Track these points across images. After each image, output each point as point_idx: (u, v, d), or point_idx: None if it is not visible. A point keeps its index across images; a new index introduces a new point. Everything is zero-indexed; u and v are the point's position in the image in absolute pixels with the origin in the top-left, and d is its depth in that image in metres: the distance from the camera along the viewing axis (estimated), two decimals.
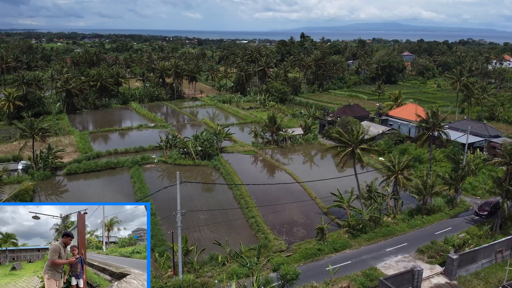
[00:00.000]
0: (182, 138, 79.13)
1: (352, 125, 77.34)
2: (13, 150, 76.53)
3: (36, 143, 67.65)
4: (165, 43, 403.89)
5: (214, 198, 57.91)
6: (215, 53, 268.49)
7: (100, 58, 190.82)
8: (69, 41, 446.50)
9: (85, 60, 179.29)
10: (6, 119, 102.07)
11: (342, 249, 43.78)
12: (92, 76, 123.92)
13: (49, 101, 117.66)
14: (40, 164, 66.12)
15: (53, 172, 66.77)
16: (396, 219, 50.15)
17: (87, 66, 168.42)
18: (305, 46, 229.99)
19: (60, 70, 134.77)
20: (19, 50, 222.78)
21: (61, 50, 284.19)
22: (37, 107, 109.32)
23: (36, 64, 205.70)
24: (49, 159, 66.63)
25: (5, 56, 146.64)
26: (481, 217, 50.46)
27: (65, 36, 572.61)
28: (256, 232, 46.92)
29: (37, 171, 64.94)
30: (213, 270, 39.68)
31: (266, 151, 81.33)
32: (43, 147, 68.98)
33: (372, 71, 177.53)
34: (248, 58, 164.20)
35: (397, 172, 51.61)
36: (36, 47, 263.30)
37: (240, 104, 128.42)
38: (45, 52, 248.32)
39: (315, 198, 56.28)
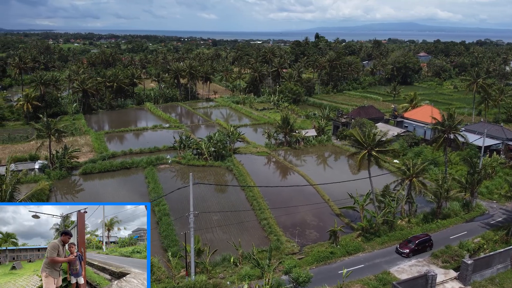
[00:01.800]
0: (196, 139, 79.62)
1: (367, 127, 76.76)
2: (30, 149, 77.92)
3: (52, 143, 68.80)
4: (180, 44, 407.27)
5: (227, 199, 58.10)
6: (229, 53, 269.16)
7: (116, 58, 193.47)
8: (85, 42, 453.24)
9: (101, 60, 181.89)
10: (23, 119, 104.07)
11: (355, 253, 43.50)
12: (108, 76, 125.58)
13: (66, 102, 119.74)
14: (57, 164, 67.23)
15: (69, 171, 67.80)
16: (410, 222, 49.62)
17: (103, 66, 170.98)
18: (319, 46, 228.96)
19: (77, 70, 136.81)
20: (36, 51, 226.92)
21: (78, 50, 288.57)
22: (54, 107, 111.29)
23: (53, 64, 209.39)
24: (65, 158, 67.64)
25: (23, 57, 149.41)
26: (402, 255, 43.03)
27: (82, 37, 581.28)
28: (269, 234, 46.94)
29: (53, 171, 66.06)
30: (225, 271, 39.83)
31: (279, 152, 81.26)
32: (59, 147, 70.08)
33: (387, 72, 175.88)
34: (262, 59, 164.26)
35: (412, 175, 51.00)
36: (53, 48, 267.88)
37: (254, 105, 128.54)
38: (62, 52, 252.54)
39: (328, 201, 56.02)
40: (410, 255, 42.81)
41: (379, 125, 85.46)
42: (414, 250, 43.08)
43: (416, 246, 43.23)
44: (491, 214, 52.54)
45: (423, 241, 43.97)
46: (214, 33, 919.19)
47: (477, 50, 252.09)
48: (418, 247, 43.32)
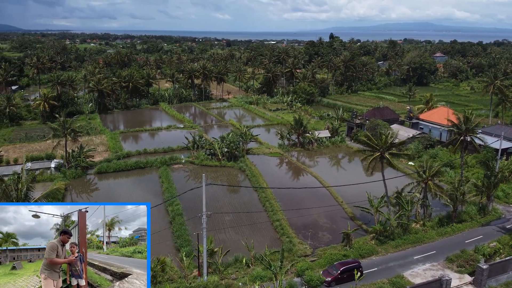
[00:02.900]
0: (209, 139, 79.93)
1: (381, 129, 76.07)
2: (46, 148, 79.27)
3: (68, 142, 69.80)
4: (195, 44, 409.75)
5: (239, 199, 58.17)
6: (243, 54, 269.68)
7: (132, 59, 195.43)
8: (101, 42, 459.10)
9: (117, 61, 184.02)
10: (40, 118, 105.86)
11: (368, 256, 43.11)
12: (124, 77, 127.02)
13: (82, 101, 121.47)
14: (72, 163, 68.21)
15: (84, 170, 68.68)
16: (425, 226, 48.96)
17: (119, 66, 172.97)
18: (334, 46, 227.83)
19: (93, 70, 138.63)
20: (54, 51, 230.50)
21: (94, 50, 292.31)
22: (70, 106, 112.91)
23: (70, 64, 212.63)
24: (81, 158, 68.60)
25: (41, 57, 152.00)
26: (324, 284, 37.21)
27: (98, 37, 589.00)
28: (281, 235, 46.85)
29: (69, 170, 67.02)
30: (237, 272, 39.88)
31: (292, 153, 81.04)
32: (75, 146, 71.08)
33: (403, 72, 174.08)
34: (276, 59, 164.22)
35: (427, 178, 50.33)
36: (70, 48, 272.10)
37: (267, 105, 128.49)
38: (79, 52, 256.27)
39: (341, 203, 55.64)
40: (333, 284, 37.22)
41: (394, 127, 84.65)
42: (337, 279, 37.43)
43: (340, 274, 37.54)
44: (507, 218, 51.55)
45: (349, 268, 37.71)
46: (228, 34, 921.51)
47: (494, 50, 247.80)
48: (342, 275, 37.53)
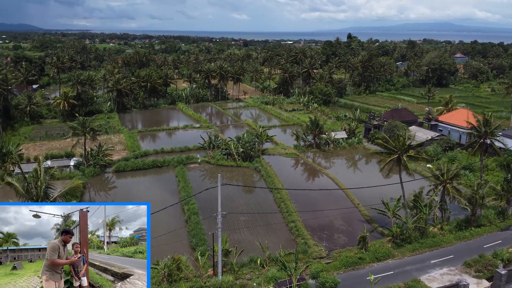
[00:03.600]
0: (225, 139, 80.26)
1: (399, 130, 75.14)
2: (66, 146, 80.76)
3: (87, 141, 71.00)
4: (212, 44, 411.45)
5: (255, 199, 58.23)
6: (259, 54, 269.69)
7: (150, 59, 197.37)
8: (120, 42, 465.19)
9: (135, 60, 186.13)
10: (60, 117, 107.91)
11: (385, 259, 42.66)
12: (142, 77, 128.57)
13: (101, 100, 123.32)
14: (91, 161, 69.35)
15: (103, 169, 69.72)
16: (443, 230, 48.20)
17: (137, 66, 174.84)
18: (351, 46, 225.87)
19: (112, 70, 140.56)
20: (74, 50, 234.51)
21: (113, 50, 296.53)
22: (89, 106, 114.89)
23: (89, 64, 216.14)
24: (99, 156, 69.66)
25: (61, 57, 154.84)
26: None
27: (117, 37, 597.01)
28: (296, 236, 46.73)
29: (88, 168, 68.13)
30: (251, 272, 39.93)
31: (307, 154, 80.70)
32: (94, 144, 72.23)
33: (422, 73, 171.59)
34: (293, 60, 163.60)
35: (446, 181, 49.53)
36: (90, 48, 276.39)
37: (283, 105, 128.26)
38: (98, 52, 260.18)
39: (358, 205, 55.18)
40: None
41: (412, 129, 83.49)
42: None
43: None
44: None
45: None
46: (246, 34, 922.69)
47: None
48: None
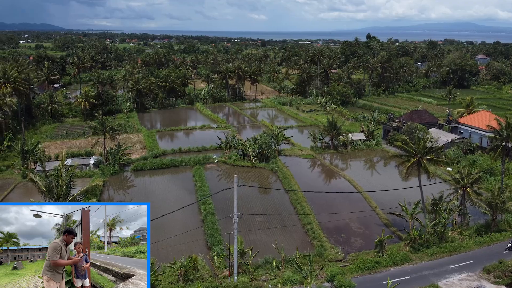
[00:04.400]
0: (241, 140, 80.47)
1: (419, 133, 74.04)
2: (86, 145, 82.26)
3: (107, 140, 72.14)
4: (230, 45, 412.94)
5: (270, 201, 58.18)
6: (277, 54, 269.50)
7: (169, 59, 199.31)
8: (140, 42, 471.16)
9: (154, 61, 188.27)
10: (81, 116, 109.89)
11: (402, 263, 42.11)
12: (161, 77, 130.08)
13: (121, 100, 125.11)
14: (110, 160, 70.43)
15: (122, 168, 70.73)
16: (462, 234, 47.30)
17: (156, 66, 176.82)
18: (371, 47, 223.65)
19: (132, 70, 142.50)
20: (94, 50, 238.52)
21: (133, 50, 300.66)
22: (109, 105, 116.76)
23: (109, 63, 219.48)
24: (118, 155, 70.69)
25: (82, 57, 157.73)
26: None
27: (137, 37, 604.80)
28: (312, 239, 46.51)
29: (107, 167, 69.19)
30: (267, 274, 39.93)
31: (324, 155, 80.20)
32: (113, 143, 73.34)
33: (442, 74, 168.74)
34: (310, 60, 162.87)
35: (466, 185, 48.59)
36: (110, 47, 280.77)
37: (300, 106, 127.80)
38: (118, 52, 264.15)
39: (375, 208, 54.56)
40: None
41: (432, 131, 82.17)
42: None
43: None
44: None
45: None
46: (264, 34, 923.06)
47: None
48: None
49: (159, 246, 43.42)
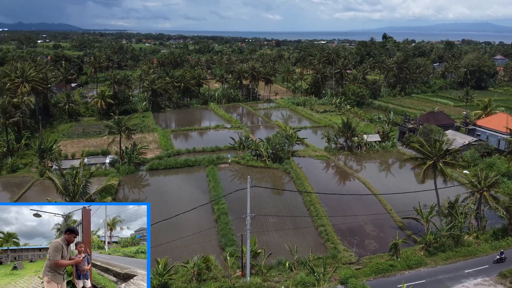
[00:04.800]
0: (255, 140, 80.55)
1: (435, 134, 73.08)
2: (102, 144, 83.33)
3: (122, 139, 72.97)
4: (244, 45, 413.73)
5: (284, 202, 58.08)
6: (292, 54, 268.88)
7: (184, 59, 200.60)
8: (156, 42, 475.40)
9: (170, 61, 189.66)
10: (97, 115, 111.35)
11: (417, 267, 41.64)
12: (176, 77, 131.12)
13: (136, 100, 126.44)
14: (126, 159, 71.20)
15: (137, 167, 71.44)
16: (478, 239, 46.55)
17: (172, 67, 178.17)
18: (386, 47, 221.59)
19: (147, 70, 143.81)
20: (111, 50, 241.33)
21: (148, 50, 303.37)
22: (125, 105, 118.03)
23: (126, 63, 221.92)
24: (134, 154, 71.45)
25: (99, 57, 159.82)
26: None
27: (153, 37, 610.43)
28: (325, 241, 46.28)
29: (123, 166, 69.95)
30: (280, 275, 39.90)
31: (339, 157, 79.73)
32: (129, 143, 74.15)
33: (460, 75, 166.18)
34: (325, 60, 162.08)
35: (483, 188, 47.78)
36: (126, 47, 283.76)
37: (314, 107, 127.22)
38: (134, 52, 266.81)
39: (390, 211, 54.02)
40: None
41: (449, 133, 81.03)
42: None
43: None
44: None
45: None
46: (278, 34, 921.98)
47: None
48: None
49: (172, 246, 43.79)
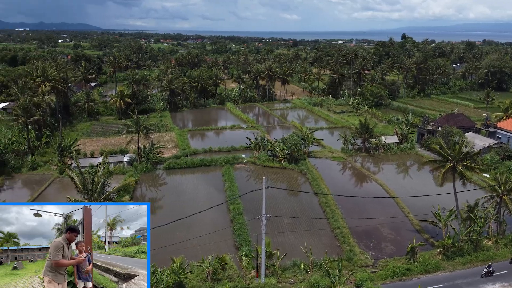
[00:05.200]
0: (271, 140, 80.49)
1: (455, 137, 71.81)
2: (120, 143, 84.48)
3: (140, 138, 73.84)
4: (261, 45, 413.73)
5: (299, 203, 57.85)
6: (309, 54, 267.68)
7: (201, 59, 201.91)
8: (174, 42, 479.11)
9: (187, 61, 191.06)
10: (116, 114, 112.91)
11: (434, 271, 41.03)
12: (194, 77, 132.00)
13: (154, 99, 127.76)
14: (143, 158, 72.09)
15: (154, 166, 72.26)
16: (497, 243, 45.60)
17: (189, 67, 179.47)
18: (406, 47, 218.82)
19: (165, 70, 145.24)
20: (130, 50, 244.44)
21: (167, 50, 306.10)
22: (143, 104, 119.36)
23: (144, 63, 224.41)
24: (151, 153, 72.28)
25: (118, 57, 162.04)
26: None
27: (171, 37, 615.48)
28: (341, 243, 45.93)
29: (140, 164, 70.84)
30: (294, 276, 39.80)
31: (356, 158, 79.05)
32: (147, 142, 75.04)
33: (480, 76, 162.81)
34: (343, 60, 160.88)
35: (503, 192, 46.71)
36: (145, 47, 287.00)
37: (331, 107, 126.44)
38: (153, 52, 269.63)
39: (408, 214, 53.30)
40: None
41: (469, 135, 79.53)
42: None
43: None
44: None
45: None
46: (296, 34, 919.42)
47: None
48: None
49: (188, 245, 44.13)
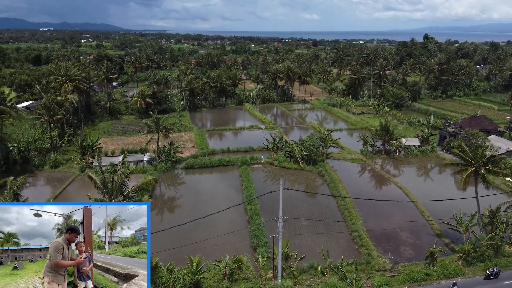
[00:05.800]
0: (289, 141, 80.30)
1: (477, 140, 70.27)
2: (141, 142, 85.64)
3: (160, 138, 74.71)
4: (281, 45, 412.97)
5: (317, 205, 57.50)
6: (328, 54, 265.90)
7: (220, 60, 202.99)
8: (194, 43, 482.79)
9: (207, 61, 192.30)
10: (137, 114, 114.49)
11: (453, 276, 40.23)
12: (213, 77, 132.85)
13: (174, 99, 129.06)
14: (163, 157, 72.92)
15: (173, 165, 73.03)
16: None
17: (208, 67, 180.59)
18: (428, 48, 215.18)
19: (185, 71, 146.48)
20: (151, 50, 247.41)
21: (187, 51, 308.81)
22: (164, 104, 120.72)
23: (165, 63, 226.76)
24: (171, 153, 73.08)
25: (139, 57, 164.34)
26: None
27: (191, 38, 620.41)
28: (359, 246, 45.44)
29: (160, 164, 71.69)
30: (311, 279, 39.59)
31: (375, 160, 78.09)
32: (166, 141, 75.86)
33: (504, 78, 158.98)
34: (363, 61, 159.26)
35: None
36: (166, 48, 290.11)
37: (351, 108, 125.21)
38: (173, 52, 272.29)
39: (428, 218, 52.39)
40: None
41: (492, 138, 77.71)
42: None
43: None
44: None
45: None
46: (316, 34, 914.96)
47: None
48: None
49: (205, 244, 44.40)
